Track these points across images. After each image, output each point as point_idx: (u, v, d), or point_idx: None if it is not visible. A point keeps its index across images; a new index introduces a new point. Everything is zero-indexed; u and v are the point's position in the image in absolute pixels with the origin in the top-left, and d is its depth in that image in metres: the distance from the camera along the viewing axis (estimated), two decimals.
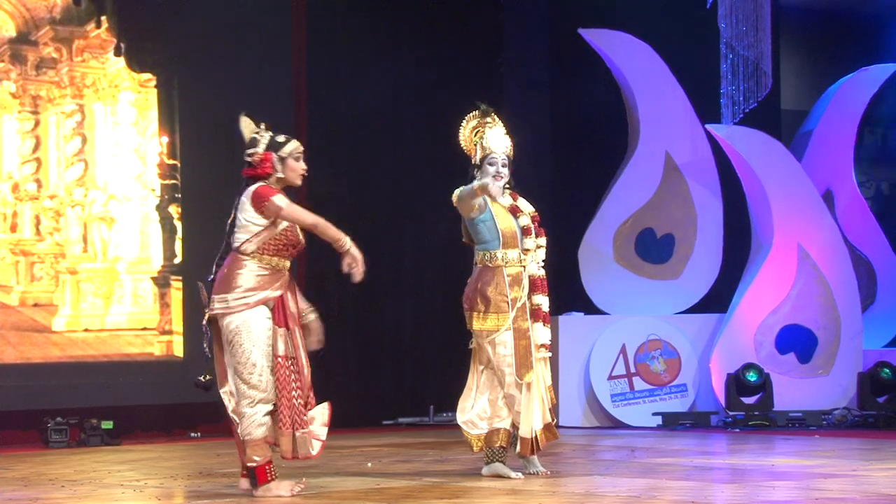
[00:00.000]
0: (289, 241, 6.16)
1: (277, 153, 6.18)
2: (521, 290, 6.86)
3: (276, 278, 6.12)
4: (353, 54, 11.83)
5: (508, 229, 6.90)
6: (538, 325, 6.88)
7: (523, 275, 6.90)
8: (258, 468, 6.09)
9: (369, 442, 9.83)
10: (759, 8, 10.97)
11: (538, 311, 6.90)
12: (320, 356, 12.38)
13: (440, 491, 6.38)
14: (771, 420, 10.78)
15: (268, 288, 6.08)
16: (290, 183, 6.25)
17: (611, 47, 11.79)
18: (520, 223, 6.93)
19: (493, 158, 6.98)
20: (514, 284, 6.85)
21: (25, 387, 10.28)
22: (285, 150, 6.20)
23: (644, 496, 6.04)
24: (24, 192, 10.55)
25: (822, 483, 6.50)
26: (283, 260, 6.17)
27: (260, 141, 6.20)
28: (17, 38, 10.56)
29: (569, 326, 11.43)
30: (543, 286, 6.94)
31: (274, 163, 6.17)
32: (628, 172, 11.77)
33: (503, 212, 6.93)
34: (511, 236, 6.89)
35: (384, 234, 11.75)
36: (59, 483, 7.07)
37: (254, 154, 6.17)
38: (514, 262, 6.88)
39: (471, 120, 7.13)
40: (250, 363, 6.02)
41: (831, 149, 12.20)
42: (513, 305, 6.82)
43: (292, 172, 6.23)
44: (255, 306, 6.04)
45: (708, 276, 11.74)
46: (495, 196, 6.92)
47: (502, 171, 6.98)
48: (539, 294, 6.90)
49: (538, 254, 6.97)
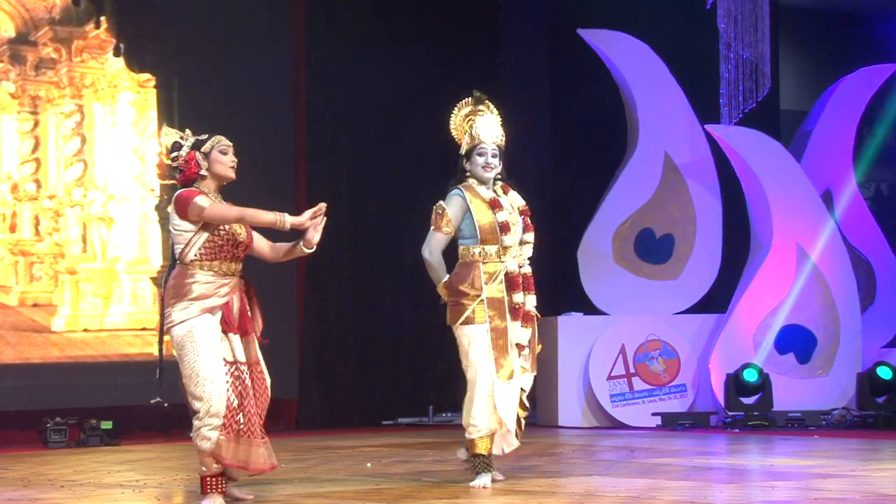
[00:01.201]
0: (226, 240, 5.86)
1: (200, 150, 5.91)
2: (499, 288, 6.52)
3: (222, 284, 5.85)
4: (353, 54, 11.83)
5: (486, 224, 6.56)
6: (516, 325, 6.53)
7: (500, 272, 6.55)
8: (203, 477, 5.90)
9: (369, 442, 9.83)
10: (758, 8, 10.97)
11: (518, 310, 6.54)
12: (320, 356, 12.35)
13: (440, 491, 6.37)
14: (770, 420, 10.78)
15: (212, 295, 5.81)
16: (223, 178, 5.95)
17: (610, 47, 11.79)
18: (498, 218, 6.57)
19: (483, 149, 6.65)
20: (490, 281, 6.52)
21: (25, 387, 10.28)
22: (207, 144, 5.92)
23: (643, 496, 6.04)
24: (23, 193, 10.55)
25: (821, 483, 6.50)
26: (229, 262, 5.88)
27: (183, 144, 5.94)
28: (17, 38, 10.56)
29: (568, 326, 11.44)
30: (528, 284, 6.61)
31: (199, 161, 5.89)
32: (628, 172, 11.77)
33: (482, 206, 6.58)
34: (489, 231, 6.55)
35: (384, 233, 11.76)
36: (58, 483, 7.07)
37: (177, 157, 5.93)
38: (493, 257, 6.56)
39: (463, 107, 6.81)
40: (194, 373, 5.74)
41: (830, 149, 12.20)
42: (490, 304, 6.48)
43: (220, 166, 5.92)
44: (197, 316, 5.78)
45: (707, 277, 11.74)
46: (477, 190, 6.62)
47: (492, 161, 6.65)
48: (520, 292, 6.55)
49: (524, 250, 6.66)
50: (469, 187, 6.66)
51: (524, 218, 6.68)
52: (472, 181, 6.67)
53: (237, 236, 5.88)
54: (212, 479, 5.88)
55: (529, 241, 6.69)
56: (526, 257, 6.67)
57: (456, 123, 6.82)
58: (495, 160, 6.66)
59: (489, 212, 6.58)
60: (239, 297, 5.93)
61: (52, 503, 6.20)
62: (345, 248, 11.82)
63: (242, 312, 5.93)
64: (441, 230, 6.58)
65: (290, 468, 7.75)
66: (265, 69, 11.40)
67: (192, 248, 5.82)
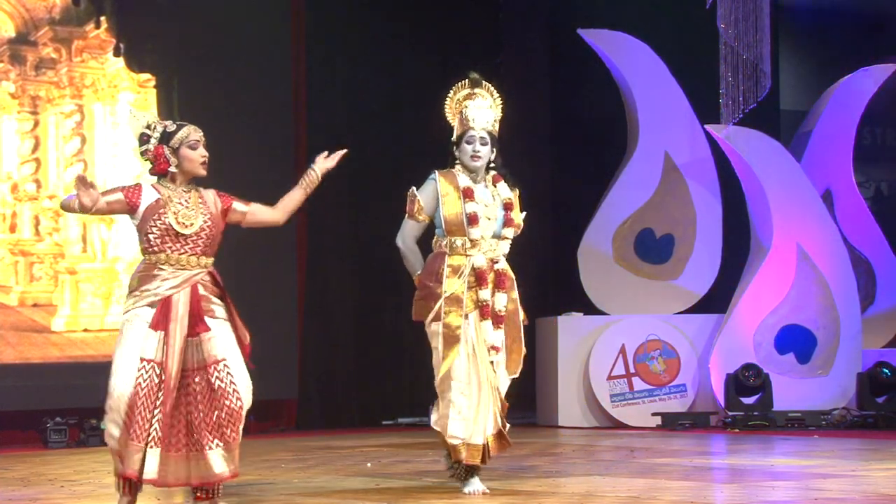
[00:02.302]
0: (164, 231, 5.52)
1: (168, 144, 5.60)
2: (460, 282, 6.16)
3: (168, 279, 5.52)
4: (353, 54, 11.83)
5: (453, 215, 6.22)
6: (486, 324, 6.17)
7: (466, 266, 6.21)
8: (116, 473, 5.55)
9: (369, 442, 9.83)
10: (758, 8, 10.97)
11: (485, 309, 6.17)
12: (320, 356, 12.34)
13: (440, 491, 6.37)
14: (770, 420, 10.78)
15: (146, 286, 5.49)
16: (193, 174, 5.65)
17: (610, 47, 11.79)
18: (466, 209, 6.21)
19: (471, 136, 6.28)
20: (451, 275, 6.17)
21: (25, 387, 10.28)
22: (176, 138, 5.60)
23: (643, 496, 6.04)
24: (23, 193, 10.55)
25: (821, 483, 6.50)
26: (175, 255, 5.54)
27: (151, 136, 5.63)
28: (17, 38, 10.56)
29: (568, 326, 11.44)
30: (500, 282, 6.20)
31: (167, 156, 5.60)
32: (627, 172, 11.77)
33: (454, 195, 6.25)
34: (456, 223, 6.21)
35: (384, 233, 11.72)
36: (58, 483, 7.07)
37: (146, 151, 5.64)
38: (459, 250, 6.22)
39: (458, 90, 6.44)
40: (113, 367, 5.45)
41: (830, 149, 12.20)
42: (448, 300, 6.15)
43: (189, 162, 5.62)
44: (135, 307, 5.48)
45: (707, 277, 11.75)
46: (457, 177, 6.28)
47: (480, 150, 6.26)
48: (486, 289, 6.17)
49: (500, 246, 6.28)
50: (448, 174, 6.34)
51: (507, 212, 6.29)
52: (458, 168, 6.34)
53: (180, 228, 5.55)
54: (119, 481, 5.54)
55: (507, 238, 6.29)
56: (501, 253, 6.29)
57: (450, 107, 6.48)
58: (485, 148, 6.29)
59: (459, 202, 6.24)
60: (192, 293, 5.55)
61: (52, 503, 6.20)
62: (345, 248, 11.83)
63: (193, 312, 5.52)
64: (414, 217, 6.35)
65: (290, 468, 7.76)
66: (265, 69, 11.40)
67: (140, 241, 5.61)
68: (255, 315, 11.09)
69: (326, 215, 11.69)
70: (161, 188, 5.64)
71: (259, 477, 7.20)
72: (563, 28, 12.24)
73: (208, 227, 5.63)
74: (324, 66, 11.79)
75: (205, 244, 5.62)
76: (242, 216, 5.83)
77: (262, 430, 11.12)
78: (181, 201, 5.61)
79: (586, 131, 12.52)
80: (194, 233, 5.58)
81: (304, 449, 9.25)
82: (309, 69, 11.74)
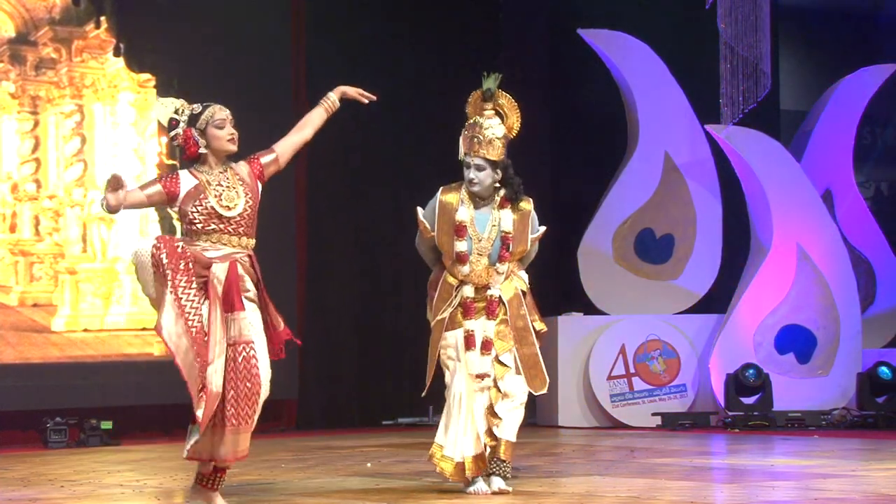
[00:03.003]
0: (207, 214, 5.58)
1: (196, 127, 5.68)
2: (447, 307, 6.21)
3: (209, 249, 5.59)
4: (353, 54, 11.83)
5: (444, 247, 6.27)
6: (470, 354, 6.16)
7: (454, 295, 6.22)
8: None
9: (369, 442, 9.83)
10: (758, 8, 10.97)
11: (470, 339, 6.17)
12: (320, 356, 12.34)
13: (440, 491, 6.37)
14: (770, 420, 10.78)
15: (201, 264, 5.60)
16: (224, 151, 5.71)
17: (610, 47, 11.79)
18: (456, 248, 6.20)
19: (467, 162, 6.24)
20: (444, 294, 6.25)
21: (24, 387, 10.27)
22: (202, 119, 5.70)
23: (643, 496, 6.04)
24: (23, 193, 10.55)
25: (821, 483, 6.50)
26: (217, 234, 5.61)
27: (180, 121, 5.72)
28: (17, 38, 10.55)
29: (568, 326, 11.44)
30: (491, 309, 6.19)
31: (196, 139, 5.67)
32: (627, 172, 11.77)
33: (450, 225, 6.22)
34: (448, 256, 6.27)
35: (384, 233, 11.77)
36: (58, 483, 7.07)
37: (176, 136, 5.70)
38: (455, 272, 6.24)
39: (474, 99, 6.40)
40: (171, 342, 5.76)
41: (830, 149, 12.21)
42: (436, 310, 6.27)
43: (217, 141, 5.68)
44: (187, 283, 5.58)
45: (707, 277, 11.75)
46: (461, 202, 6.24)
47: (475, 176, 6.18)
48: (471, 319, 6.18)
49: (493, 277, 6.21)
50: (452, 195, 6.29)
51: (502, 248, 6.21)
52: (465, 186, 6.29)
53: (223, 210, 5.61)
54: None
55: (501, 272, 6.23)
56: (496, 283, 6.23)
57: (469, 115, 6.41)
58: (481, 174, 6.18)
59: (451, 236, 6.22)
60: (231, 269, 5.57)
61: (52, 503, 6.20)
62: (345, 248, 11.83)
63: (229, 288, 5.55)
64: (422, 236, 6.38)
65: (291, 468, 7.76)
66: (265, 69, 11.40)
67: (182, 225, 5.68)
68: None
69: (326, 215, 11.69)
70: (198, 173, 5.67)
71: (259, 477, 7.20)
72: (563, 28, 12.24)
73: (250, 207, 5.70)
74: (324, 67, 11.77)
75: (247, 224, 5.68)
76: (276, 163, 5.96)
77: (262, 430, 11.08)
78: (220, 182, 5.65)
79: (586, 131, 12.52)
80: (238, 214, 5.64)
81: (304, 449, 9.25)
82: (309, 69, 11.74)
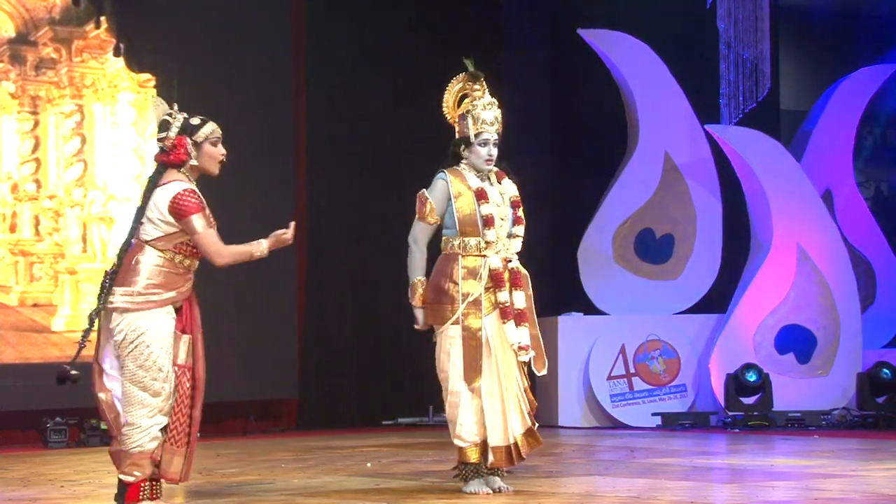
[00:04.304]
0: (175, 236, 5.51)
1: (192, 137, 5.54)
2: (478, 284, 6.08)
3: (186, 279, 5.50)
4: (353, 54, 11.84)
5: (467, 216, 6.14)
6: (509, 325, 6.08)
7: (482, 267, 6.12)
8: (135, 483, 5.44)
9: (369, 442, 9.83)
10: (758, 8, 10.98)
11: (507, 310, 6.09)
12: (320, 356, 12.35)
13: (440, 491, 6.37)
14: (770, 420, 10.78)
15: (175, 288, 5.45)
16: (207, 171, 5.58)
17: (610, 47, 11.79)
18: (482, 211, 6.12)
19: (485, 139, 6.20)
20: (468, 277, 6.10)
21: (24, 387, 10.27)
22: (201, 133, 5.56)
23: (643, 496, 6.04)
24: (23, 193, 10.55)
25: (821, 483, 6.50)
26: (195, 261, 5.55)
27: (172, 124, 5.56)
28: (17, 38, 10.55)
29: (568, 326, 11.43)
30: (516, 280, 6.15)
31: (188, 148, 5.52)
32: (628, 172, 11.77)
33: (467, 195, 6.16)
34: (470, 224, 6.13)
35: (384, 233, 11.76)
36: (58, 483, 7.07)
37: (165, 138, 5.53)
38: (473, 251, 6.14)
39: (456, 84, 6.37)
40: (156, 368, 5.36)
41: (830, 149, 12.21)
42: (463, 299, 6.08)
43: (209, 160, 5.56)
44: (161, 305, 5.40)
45: (707, 277, 11.75)
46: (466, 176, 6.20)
47: (494, 153, 6.20)
48: (504, 290, 6.10)
49: (512, 244, 6.21)
50: (457, 172, 6.24)
51: (515, 210, 6.24)
52: (464, 166, 6.25)
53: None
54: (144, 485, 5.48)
55: (519, 235, 6.23)
56: (514, 251, 6.23)
57: (449, 103, 6.38)
58: (495, 151, 6.22)
59: (473, 202, 6.15)
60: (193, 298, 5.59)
61: (52, 503, 6.20)
62: (345, 248, 11.82)
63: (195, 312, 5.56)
64: (425, 219, 6.27)
65: (291, 468, 7.76)
66: (265, 69, 11.40)
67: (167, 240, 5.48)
68: (255, 315, 11.19)
69: (326, 215, 11.69)
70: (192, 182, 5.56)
71: (259, 477, 7.20)
72: (563, 28, 12.24)
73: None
74: (324, 67, 11.79)
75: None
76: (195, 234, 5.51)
77: (262, 430, 11.12)
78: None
79: (586, 131, 12.52)
80: None
81: (304, 449, 9.25)
82: (309, 69, 11.74)
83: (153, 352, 5.37)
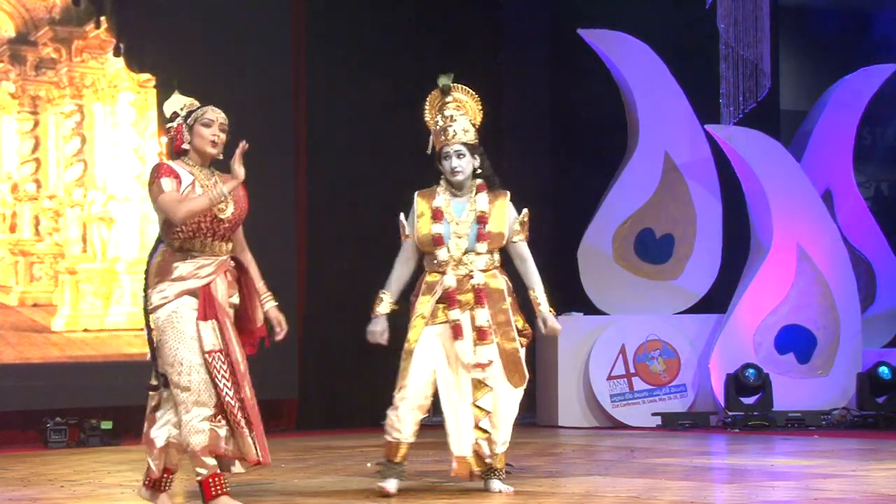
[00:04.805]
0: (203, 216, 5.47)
1: (186, 122, 5.62)
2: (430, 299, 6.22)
3: (204, 265, 5.47)
4: (353, 54, 11.83)
5: (424, 235, 6.26)
6: (460, 343, 6.16)
7: (438, 284, 6.22)
8: (203, 482, 5.45)
9: (369, 442, 9.82)
10: (758, 8, 10.98)
11: (457, 328, 6.17)
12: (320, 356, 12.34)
13: (440, 491, 6.37)
14: (770, 420, 10.79)
15: (191, 277, 5.43)
16: (203, 152, 5.58)
17: (610, 47, 11.79)
18: (432, 230, 6.23)
19: (447, 152, 6.27)
20: (426, 292, 6.26)
21: (24, 387, 10.28)
22: (193, 115, 5.61)
23: (643, 496, 6.04)
24: (23, 193, 10.55)
25: (821, 483, 6.50)
26: (210, 240, 5.51)
27: (179, 114, 5.67)
28: (17, 38, 10.56)
29: (568, 326, 11.41)
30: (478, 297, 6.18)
31: (184, 133, 5.60)
32: (627, 172, 11.77)
33: (427, 215, 6.28)
34: (426, 243, 6.27)
35: (383, 233, 11.73)
36: (58, 483, 7.07)
37: (171, 129, 5.66)
38: (435, 267, 6.26)
39: (433, 100, 6.44)
40: (177, 362, 5.35)
41: (830, 149, 12.21)
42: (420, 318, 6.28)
43: (200, 139, 5.56)
44: (175, 299, 5.40)
45: (707, 277, 11.75)
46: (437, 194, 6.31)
47: (457, 164, 6.23)
48: (455, 309, 6.17)
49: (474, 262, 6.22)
50: (428, 193, 6.35)
51: (481, 226, 6.23)
52: (442, 183, 6.34)
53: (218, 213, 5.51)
54: (213, 480, 5.47)
55: (481, 252, 6.24)
56: (478, 268, 6.23)
57: (429, 119, 6.45)
58: (462, 161, 6.24)
59: (429, 222, 6.25)
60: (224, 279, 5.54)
61: (52, 503, 6.20)
62: (345, 248, 11.82)
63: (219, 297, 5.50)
64: (402, 237, 6.43)
65: (291, 468, 7.76)
66: (265, 69, 11.40)
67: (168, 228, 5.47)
68: None
69: (327, 214, 11.69)
70: (190, 168, 5.58)
71: (259, 477, 7.19)
72: (563, 28, 12.24)
73: (238, 212, 5.60)
74: (323, 67, 11.78)
75: (232, 229, 5.61)
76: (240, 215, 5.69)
77: None
78: (208, 184, 5.53)
79: (586, 131, 12.52)
80: (227, 218, 5.55)
81: (304, 449, 9.26)
82: (309, 69, 11.74)
83: (171, 346, 5.38)
